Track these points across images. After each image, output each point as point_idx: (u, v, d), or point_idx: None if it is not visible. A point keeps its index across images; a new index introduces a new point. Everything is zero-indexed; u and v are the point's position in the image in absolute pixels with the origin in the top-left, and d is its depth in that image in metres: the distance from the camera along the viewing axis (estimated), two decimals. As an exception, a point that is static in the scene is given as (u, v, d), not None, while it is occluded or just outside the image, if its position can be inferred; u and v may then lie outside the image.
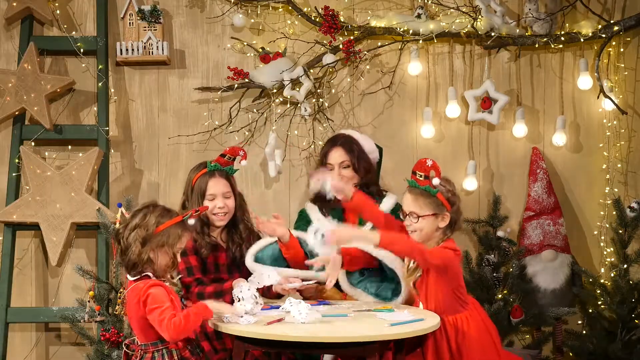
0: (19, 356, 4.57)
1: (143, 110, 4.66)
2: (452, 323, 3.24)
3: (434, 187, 3.24)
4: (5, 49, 4.63)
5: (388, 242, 3.13)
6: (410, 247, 3.16)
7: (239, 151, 3.76)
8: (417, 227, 3.26)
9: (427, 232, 3.27)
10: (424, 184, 3.25)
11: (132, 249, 2.96)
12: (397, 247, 3.18)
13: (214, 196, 3.62)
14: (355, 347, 2.91)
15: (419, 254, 3.14)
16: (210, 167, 3.66)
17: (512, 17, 4.61)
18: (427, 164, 3.27)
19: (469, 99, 4.57)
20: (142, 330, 2.97)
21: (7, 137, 4.57)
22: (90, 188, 4.45)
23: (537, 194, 4.55)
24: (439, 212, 3.27)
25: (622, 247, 4.39)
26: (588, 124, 4.69)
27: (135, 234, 2.97)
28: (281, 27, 4.64)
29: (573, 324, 4.60)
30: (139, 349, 3.00)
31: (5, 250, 4.43)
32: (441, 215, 3.27)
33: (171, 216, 3.01)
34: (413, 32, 4.53)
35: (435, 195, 3.25)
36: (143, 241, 2.96)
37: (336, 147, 3.87)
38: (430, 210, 3.25)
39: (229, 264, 3.66)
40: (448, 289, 3.23)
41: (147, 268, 2.98)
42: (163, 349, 2.96)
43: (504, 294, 4.33)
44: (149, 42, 4.50)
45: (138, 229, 2.97)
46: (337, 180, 3.50)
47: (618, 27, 4.51)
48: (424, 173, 3.27)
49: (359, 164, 3.85)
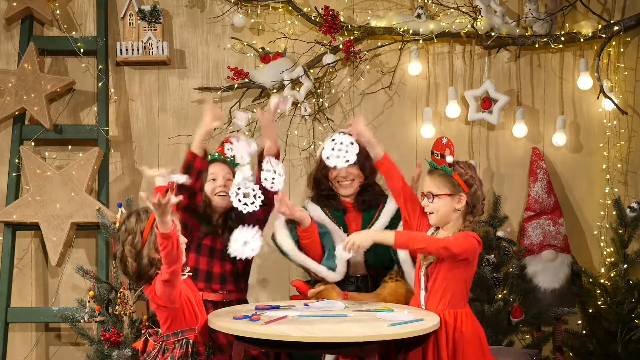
0: (19, 356, 4.58)
1: (143, 110, 4.67)
2: (453, 316, 3.22)
3: (449, 166, 3.24)
4: (5, 49, 4.63)
5: (404, 241, 3.14)
6: (429, 242, 3.14)
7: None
8: (434, 207, 3.24)
9: (444, 213, 3.24)
10: (441, 163, 3.25)
11: (128, 265, 2.99)
12: (414, 245, 3.16)
13: (216, 175, 3.58)
14: (355, 347, 2.91)
15: (440, 246, 3.12)
16: (212, 156, 3.64)
17: (512, 17, 4.61)
18: (442, 141, 3.28)
19: (469, 99, 4.57)
20: (166, 322, 3.04)
21: (7, 137, 4.57)
22: (90, 188, 4.45)
23: (537, 194, 4.55)
24: (455, 192, 3.23)
25: (622, 247, 4.39)
26: (588, 124, 4.70)
27: (128, 251, 2.99)
28: (281, 27, 4.64)
29: (573, 324, 4.60)
30: (160, 339, 3.07)
31: (5, 250, 4.43)
32: (457, 196, 3.23)
33: (147, 214, 3.01)
34: (413, 32, 4.53)
35: (451, 174, 3.23)
36: (135, 255, 2.99)
37: None
38: (446, 190, 3.22)
39: (223, 251, 3.63)
40: (460, 278, 3.22)
41: (153, 271, 3.00)
42: (183, 339, 3.01)
43: (504, 294, 4.34)
44: (149, 42, 4.50)
45: (126, 247, 3.00)
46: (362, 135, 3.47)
47: (618, 27, 4.51)
48: (440, 152, 3.27)
49: (365, 162, 3.83)
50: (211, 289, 3.60)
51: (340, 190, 3.80)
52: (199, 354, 3.05)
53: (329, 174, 3.79)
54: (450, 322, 3.20)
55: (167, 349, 3.01)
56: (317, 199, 3.86)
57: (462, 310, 3.24)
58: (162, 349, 3.04)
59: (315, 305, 3.38)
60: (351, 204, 3.83)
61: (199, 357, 3.05)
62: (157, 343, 3.09)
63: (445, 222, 3.26)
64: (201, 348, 3.06)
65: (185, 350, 3.01)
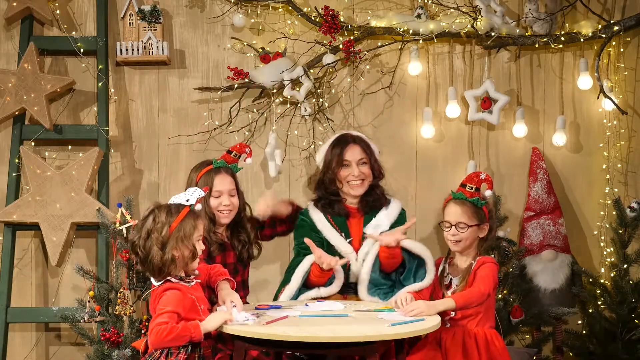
0: (19, 356, 4.57)
1: (143, 110, 4.66)
2: (483, 333, 3.40)
3: (483, 199, 3.45)
4: (5, 49, 4.63)
5: (462, 305, 3.29)
6: (476, 297, 3.31)
7: (245, 148, 3.77)
8: (462, 237, 3.44)
9: (470, 242, 3.47)
10: (473, 196, 3.45)
11: (153, 254, 2.98)
12: (472, 305, 3.32)
13: (220, 193, 3.62)
14: (355, 347, 2.91)
15: (483, 295, 3.31)
16: (216, 164, 3.66)
17: (512, 17, 4.61)
18: (481, 177, 3.49)
19: (469, 99, 4.57)
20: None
21: (7, 137, 4.57)
22: (90, 188, 4.45)
23: (537, 194, 4.55)
24: (481, 222, 3.47)
25: (622, 247, 4.39)
26: (588, 124, 4.70)
27: (151, 239, 2.99)
28: (281, 27, 4.64)
29: (573, 324, 4.60)
30: None
31: (5, 250, 4.43)
32: (482, 226, 3.47)
33: (178, 210, 3.01)
34: (413, 32, 4.53)
35: (482, 207, 3.46)
36: (162, 244, 2.97)
37: (354, 144, 3.82)
38: (476, 221, 3.45)
39: (235, 263, 3.66)
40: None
41: (172, 268, 2.99)
42: (189, 344, 3.00)
43: (504, 294, 4.34)
44: (149, 42, 4.50)
45: (153, 234, 3.00)
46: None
47: (618, 27, 4.51)
48: (475, 185, 3.47)
49: (375, 163, 3.84)
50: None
51: (351, 190, 3.78)
52: (205, 358, 3.04)
53: (339, 174, 3.78)
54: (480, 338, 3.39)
55: (172, 353, 2.99)
56: (319, 203, 3.84)
57: (490, 330, 3.44)
58: (166, 352, 3.02)
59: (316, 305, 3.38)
60: (355, 208, 3.83)
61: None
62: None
63: (468, 249, 3.49)
64: (207, 352, 3.05)
65: (190, 355, 2.99)
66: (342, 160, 3.78)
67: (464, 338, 3.36)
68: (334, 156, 3.80)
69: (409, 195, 4.61)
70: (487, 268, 3.39)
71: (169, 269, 2.99)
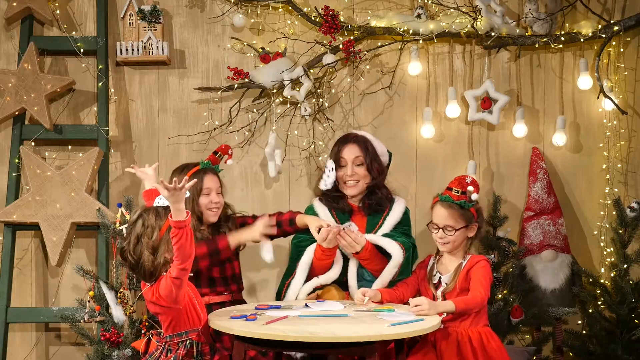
0: (19, 356, 4.58)
1: (143, 110, 4.67)
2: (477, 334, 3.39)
3: (470, 202, 3.46)
4: (5, 49, 4.63)
5: (462, 309, 3.30)
6: (476, 302, 3.31)
7: (228, 149, 3.84)
8: (451, 239, 3.45)
9: (458, 243, 3.48)
10: (460, 199, 3.45)
11: (144, 259, 2.96)
12: (472, 310, 3.34)
13: (210, 190, 3.69)
14: (355, 347, 2.91)
15: (483, 300, 3.33)
16: (203, 164, 3.72)
17: (512, 17, 4.61)
18: (467, 180, 3.48)
19: (469, 99, 4.57)
20: (170, 324, 3.03)
21: (7, 137, 4.57)
22: (90, 188, 4.45)
23: (537, 194, 4.55)
24: (469, 223, 3.47)
25: (622, 247, 4.39)
26: (588, 124, 4.70)
27: (142, 244, 2.97)
28: (281, 27, 4.64)
29: (573, 324, 4.60)
30: (163, 341, 3.06)
31: (5, 250, 4.43)
32: (471, 226, 3.48)
33: (167, 212, 3.01)
34: (413, 32, 4.53)
35: (469, 208, 3.46)
36: (153, 249, 2.96)
37: (351, 143, 3.85)
38: (463, 222, 3.45)
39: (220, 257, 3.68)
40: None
41: (164, 270, 2.98)
42: (187, 340, 3.02)
43: (504, 294, 4.34)
44: (149, 42, 4.50)
45: (143, 239, 2.98)
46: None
47: (618, 27, 4.51)
48: (461, 189, 3.47)
49: (373, 164, 3.84)
50: (216, 292, 3.66)
51: (346, 190, 3.81)
52: (204, 354, 3.05)
53: (337, 173, 3.81)
54: (476, 340, 3.38)
55: (171, 350, 3.01)
56: (324, 198, 3.87)
57: (484, 329, 3.43)
58: (165, 349, 3.04)
59: (316, 305, 3.39)
60: (357, 206, 3.83)
61: (203, 357, 3.05)
62: (160, 344, 3.08)
63: (456, 249, 3.49)
64: (205, 348, 3.06)
65: (189, 350, 3.01)
66: (338, 158, 3.82)
67: (458, 339, 3.34)
68: (333, 154, 3.88)
69: (409, 195, 4.60)
70: (482, 269, 3.39)
71: (160, 272, 2.98)
